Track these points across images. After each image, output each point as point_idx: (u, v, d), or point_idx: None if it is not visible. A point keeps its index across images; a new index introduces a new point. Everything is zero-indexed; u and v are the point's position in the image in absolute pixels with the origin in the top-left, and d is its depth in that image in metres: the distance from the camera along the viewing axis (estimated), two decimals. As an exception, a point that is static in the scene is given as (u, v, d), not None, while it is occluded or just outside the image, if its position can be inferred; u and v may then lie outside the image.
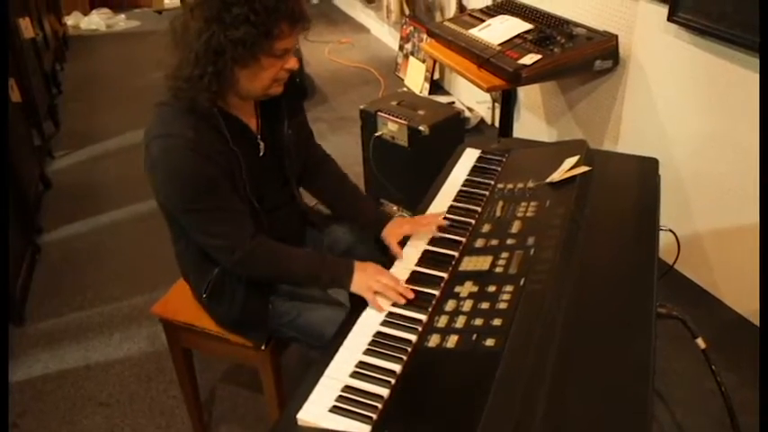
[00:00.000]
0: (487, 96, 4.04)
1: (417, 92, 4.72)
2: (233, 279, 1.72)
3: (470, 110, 4.33)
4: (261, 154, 1.69)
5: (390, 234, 1.76)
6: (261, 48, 1.44)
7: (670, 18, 2.53)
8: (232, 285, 1.72)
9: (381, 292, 1.54)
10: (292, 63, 1.54)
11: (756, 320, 2.53)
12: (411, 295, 1.52)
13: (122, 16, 7.17)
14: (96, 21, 6.96)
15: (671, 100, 2.71)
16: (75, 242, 3.32)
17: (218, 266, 1.71)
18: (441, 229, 1.75)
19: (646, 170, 1.95)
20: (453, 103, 4.37)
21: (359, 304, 1.56)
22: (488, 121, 4.28)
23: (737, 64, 2.34)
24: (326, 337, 1.59)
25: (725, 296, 2.67)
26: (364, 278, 1.58)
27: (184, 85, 1.46)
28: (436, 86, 4.83)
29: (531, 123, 3.77)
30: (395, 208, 3.22)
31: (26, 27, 4.03)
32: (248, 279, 1.71)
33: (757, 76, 2.27)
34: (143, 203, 3.58)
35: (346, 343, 1.41)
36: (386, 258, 1.73)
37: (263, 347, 1.78)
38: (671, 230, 1.95)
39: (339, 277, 1.61)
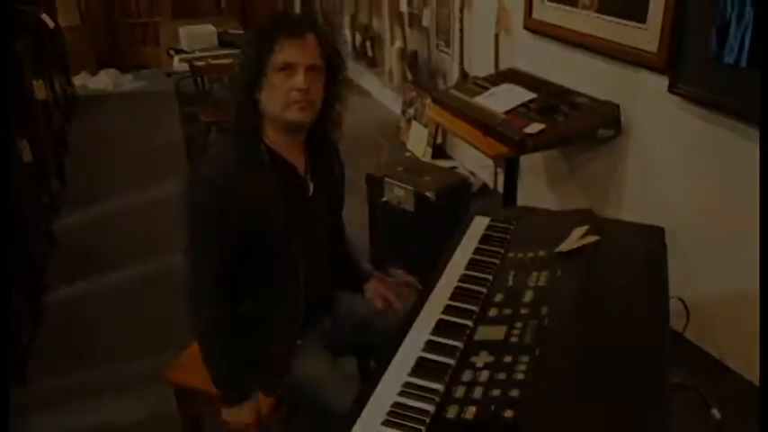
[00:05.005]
0: (490, 161, 4.11)
1: (420, 156, 4.80)
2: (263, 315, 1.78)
3: (473, 174, 4.40)
4: (310, 194, 1.80)
5: (370, 291, 2.03)
6: (265, 63, 1.65)
7: (671, 89, 2.62)
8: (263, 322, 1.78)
9: None
10: (298, 81, 1.65)
11: (764, 388, 2.53)
12: None
13: (129, 76, 7.32)
14: (104, 80, 7.11)
15: (673, 167, 2.77)
16: (81, 302, 3.31)
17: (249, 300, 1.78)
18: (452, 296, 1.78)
19: (652, 239, 1.99)
20: (456, 167, 4.45)
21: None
22: (491, 185, 4.34)
23: (737, 134, 2.41)
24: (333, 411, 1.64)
25: (731, 362, 2.68)
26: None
27: (228, 125, 1.74)
28: (438, 151, 4.90)
29: (534, 188, 3.83)
30: (400, 272, 3.23)
31: (39, 89, 4.13)
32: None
33: (755, 146, 2.34)
34: (150, 263, 3.59)
35: (364, 414, 1.41)
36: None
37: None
38: (680, 299, 1.97)
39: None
